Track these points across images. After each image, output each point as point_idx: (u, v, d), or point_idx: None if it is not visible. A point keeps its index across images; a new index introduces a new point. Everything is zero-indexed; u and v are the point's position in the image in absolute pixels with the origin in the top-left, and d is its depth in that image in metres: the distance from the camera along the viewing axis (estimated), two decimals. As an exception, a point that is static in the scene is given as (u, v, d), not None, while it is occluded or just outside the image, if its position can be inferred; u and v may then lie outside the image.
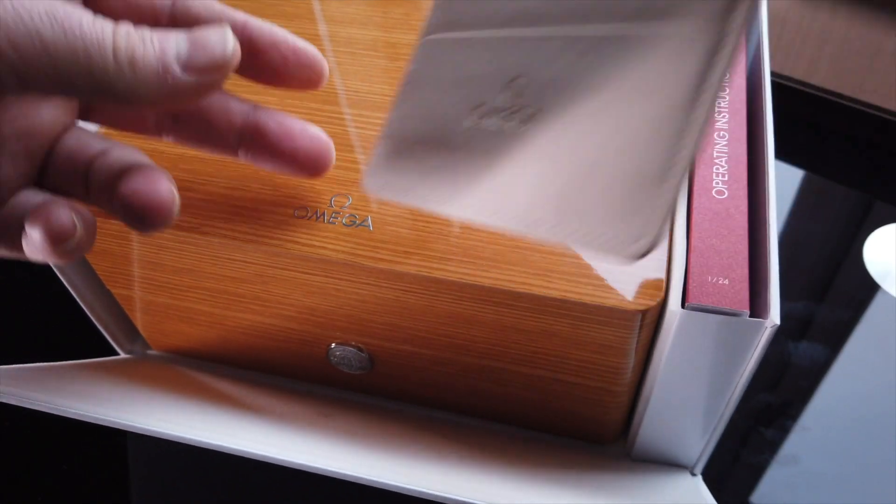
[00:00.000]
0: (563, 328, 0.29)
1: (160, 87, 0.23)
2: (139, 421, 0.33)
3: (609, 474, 0.34)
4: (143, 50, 0.23)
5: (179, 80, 0.24)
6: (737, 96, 0.33)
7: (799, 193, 0.50)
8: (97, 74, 0.22)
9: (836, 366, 0.41)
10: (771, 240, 0.27)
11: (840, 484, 0.36)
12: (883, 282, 0.44)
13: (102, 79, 0.22)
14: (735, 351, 0.27)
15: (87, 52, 0.22)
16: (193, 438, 0.32)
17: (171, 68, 0.23)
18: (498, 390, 0.34)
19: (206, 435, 0.32)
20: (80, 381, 0.35)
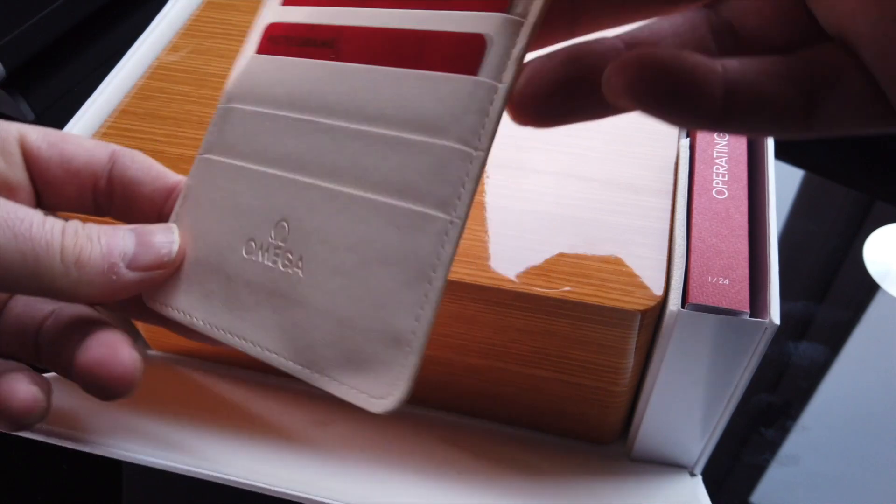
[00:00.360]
0: (563, 328, 0.29)
1: (104, 284, 0.24)
2: (132, 451, 0.33)
3: (609, 474, 0.34)
4: (90, 250, 0.23)
5: (123, 277, 0.24)
6: (737, 96, 0.33)
7: (799, 193, 0.50)
8: (44, 276, 0.23)
9: (836, 366, 0.41)
10: (771, 240, 0.27)
11: (840, 484, 0.36)
12: (883, 282, 0.44)
13: (48, 280, 0.23)
14: (735, 351, 0.27)
15: (36, 255, 0.22)
16: (184, 468, 0.33)
17: (116, 267, 0.24)
18: (498, 390, 0.34)
19: (196, 464, 0.33)
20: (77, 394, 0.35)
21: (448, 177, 0.23)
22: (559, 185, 0.31)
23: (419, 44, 0.24)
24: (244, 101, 0.27)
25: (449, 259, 0.23)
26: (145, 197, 0.27)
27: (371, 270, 0.24)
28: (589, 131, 0.33)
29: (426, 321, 0.22)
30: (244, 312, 0.26)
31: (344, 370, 0.24)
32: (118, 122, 0.35)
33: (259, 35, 0.28)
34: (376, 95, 0.25)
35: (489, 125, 0.23)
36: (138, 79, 0.37)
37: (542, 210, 0.30)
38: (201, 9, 0.41)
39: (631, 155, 0.32)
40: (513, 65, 0.23)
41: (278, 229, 0.26)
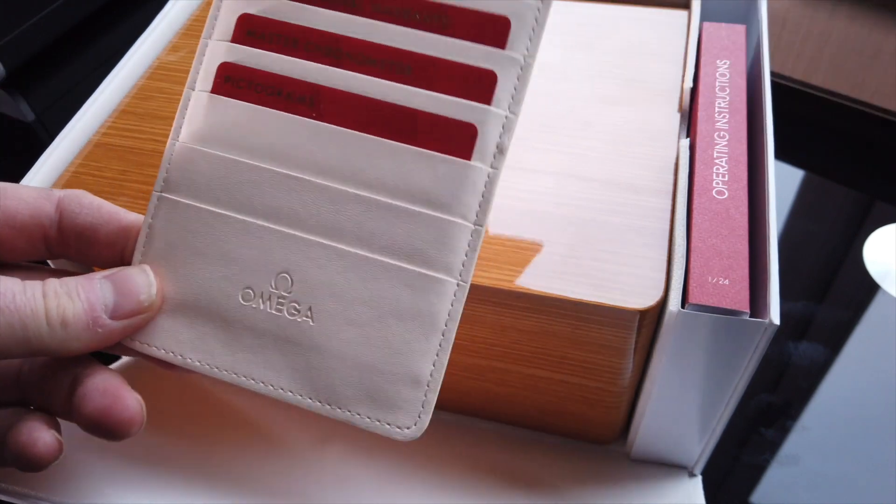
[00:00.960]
0: (562, 328, 0.29)
1: (90, 338, 0.25)
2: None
3: (608, 474, 0.34)
4: (72, 308, 0.24)
5: (108, 327, 0.25)
6: (737, 96, 0.33)
7: (799, 193, 0.50)
8: (33, 341, 0.24)
9: (836, 366, 0.40)
10: (771, 240, 0.27)
11: (840, 484, 0.36)
12: (883, 282, 0.44)
13: (37, 343, 0.24)
14: (735, 351, 0.27)
15: (23, 324, 0.23)
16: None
17: (100, 320, 0.25)
18: (498, 390, 0.34)
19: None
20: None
21: (454, 247, 0.25)
22: (559, 185, 0.31)
23: (412, 121, 0.26)
24: (209, 144, 0.27)
25: (459, 314, 0.25)
26: (101, 241, 0.27)
27: (386, 323, 0.26)
28: (589, 131, 0.33)
29: (442, 365, 0.25)
30: (249, 354, 0.27)
31: (367, 406, 0.26)
32: (118, 122, 0.35)
33: (210, 73, 0.27)
34: (373, 164, 0.26)
35: (485, 204, 0.25)
36: (138, 79, 0.37)
37: (542, 210, 0.30)
38: (201, 9, 0.41)
39: (631, 155, 0.32)
40: (501, 154, 0.25)
41: (280, 280, 0.27)
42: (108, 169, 0.33)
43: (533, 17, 0.25)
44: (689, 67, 0.34)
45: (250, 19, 0.27)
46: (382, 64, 0.26)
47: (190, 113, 0.27)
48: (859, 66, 0.53)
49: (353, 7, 0.26)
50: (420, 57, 0.26)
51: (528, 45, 0.25)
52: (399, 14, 0.26)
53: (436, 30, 0.26)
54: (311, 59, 0.26)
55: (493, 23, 0.25)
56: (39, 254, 0.28)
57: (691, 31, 0.36)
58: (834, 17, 0.53)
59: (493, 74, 0.25)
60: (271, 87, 0.27)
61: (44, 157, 0.33)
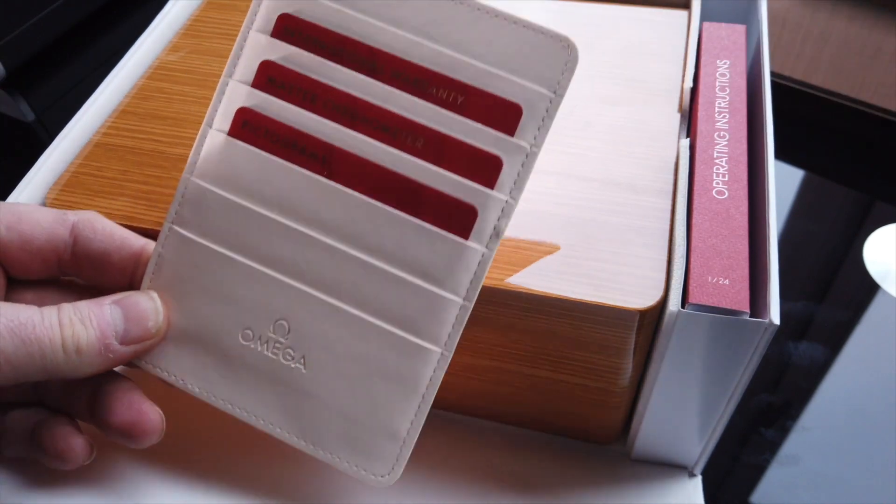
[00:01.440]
0: (562, 328, 0.29)
1: (101, 362, 0.27)
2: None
3: (608, 475, 0.34)
4: (86, 337, 0.26)
5: (118, 352, 0.27)
6: (737, 96, 0.33)
7: (799, 193, 0.50)
8: (50, 367, 0.26)
9: (836, 366, 0.40)
10: (771, 240, 0.27)
11: (840, 484, 0.36)
12: (883, 282, 0.44)
13: (54, 369, 0.26)
14: (735, 351, 0.27)
15: (42, 353, 0.25)
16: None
17: (111, 346, 0.27)
18: (497, 390, 0.34)
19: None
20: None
21: (443, 320, 0.27)
22: (559, 185, 0.31)
23: (417, 194, 0.27)
24: (222, 186, 0.28)
25: (440, 379, 0.27)
26: (114, 266, 0.29)
27: (373, 381, 0.28)
28: (589, 131, 0.33)
29: (419, 424, 0.28)
30: (245, 389, 0.29)
31: (347, 452, 0.28)
32: (118, 122, 0.35)
33: (229, 115, 0.28)
34: (376, 230, 0.27)
35: (476, 282, 0.27)
36: (138, 79, 0.37)
37: (541, 209, 0.30)
38: (201, 9, 0.41)
39: (631, 155, 0.32)
40: (497, 238, 0.26)
41: (278, 326, 0.28)
42: (108, 169, 0.33)
43: (544, 108, 0.26)
44: (689, 67, 0.34)
45: (273, 66, 0.28)
46: (395, 133, 0.27)
47: (206, 151, 0.28)
48: (859, 66, 0.53)
49: (373, 70, 0.27)
50: (432, 132, 0.26)
51: (536, 133, 0.26)
52: (417, 85, 0.27)
53: (450, 107, 0.26)
54: (328, 117, 0.27)
55: (506, 109, 0.26)
56: (53, 274, 0.29)
57: (691, 31, 0.36)
58: (834, 17, 0.53)
59: (499, 160, 0.26)
60: (287, 139, 0.27)
61: (44, 157, 0.33)
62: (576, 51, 0.25)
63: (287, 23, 0.27)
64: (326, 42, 0.27)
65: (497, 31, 0.26)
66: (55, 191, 0.32)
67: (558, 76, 0.26)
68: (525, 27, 0.26)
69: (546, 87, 0.26)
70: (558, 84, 0.26)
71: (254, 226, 0.28)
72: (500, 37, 0.26)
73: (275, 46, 0.28)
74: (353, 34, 0.27)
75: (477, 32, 0.26)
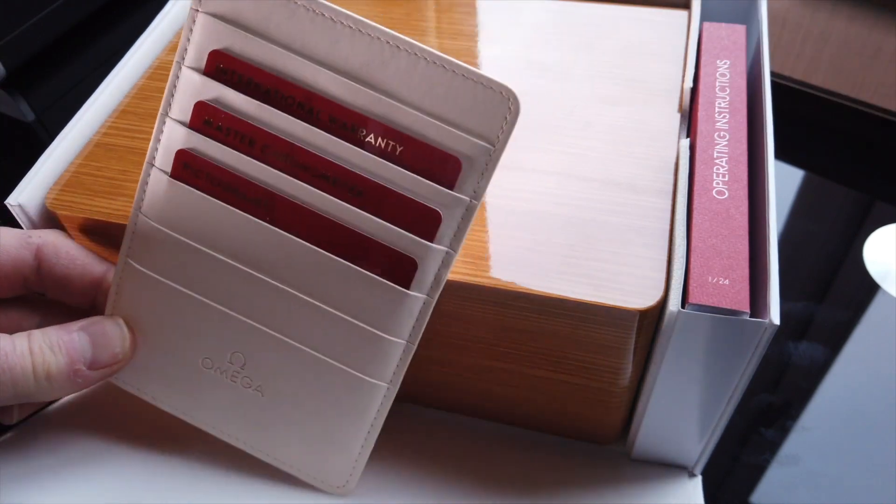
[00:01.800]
0: (562, 328, 0.29)
1: (71, 386, 0.28)
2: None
3: (608, 475, 0.34)
4: (56, 364, 0.27)
5: (87, 377, 0.28)
6: (737, 96, 0.33)
7: (799, 193, 0.50)
8: (21, 393, 0.27)
9: (836, 366, 0.40)
10: (771, 240, 0.27)
11: (840, 484, 0.36)
12: (883, 282, 0.44)
13: (25, 394, 0.27)
14: (735, 351, 0.27)
15: (14, 380, 0.26)
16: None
17: (80, 372, 0.28)
18: (498, 390, 0.34)
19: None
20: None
21: (389, 360, 0.28)
22: (559, 185, 0.31)
23: (359, 244, 0.27)
24: (169, 225, 0.28)
25: (387, 408, 0.29)
26: (76, 290, 0.30)
27: (325, 411, 0.29)
28: (589, 131, 0.33)
29: (369, 445, 0.30)
30: (208, 407, 0.31)
31: (306, 466, 0.31)
32: (118, 122, 0.35)
33: (169, 155, 0.28)
34: (320, 276, 0.27)
35: (419, 326, 0.28)
36: (138, 79, 0.37)
37: (542, 210, 0.30)
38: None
39: (631, 155, 0.32)
40: (439, 286, 0.27)
41: (234, 357, 0.29)
42: (108, 169, 0.33)
43: (484, 161, 0.26)
44: (690, 67, 0.34)
45: (208, 108, 0.27)
46: (335, 182, 0.26)
47: (150, 190, 0.28)
48: (859, 66, 0.53)
49: (310, 114, 0.26)
50: (371, 183, 0.26)
51: (476, 186, 0.26)
52: (355, 132, 0.26)
53: (389, 156, 0.26)
54: (267, 162, 0.27)
55: (445, 161, 0.26)
56: (19, 293, 0.31)
57: (691, 31, 0.36)
58: (834, 17, 0.53)
59: (437, 215, 0.26)
60: (228, 183, 0.27)
61: (44, 157, 0.33)
62: (517, 102, 0.25)
63: (219, 60, 0.26)
64: (261, 82, 0.26)
65: (436, 78, 0.25)
66: (55, 191, 0.32)
67: (497, 130, 0.25)
68: (465, 77, 0.25)
69: (486, 141, 0.25)
70: (498, 138, 0.25)
71: (203, 265, 0.28)
72: (438, 85, 0.25)
73: (208, 86, 0.27)
74: (288, 75, 0.26)
75: (416, 79, 0.25)
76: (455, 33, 0.39)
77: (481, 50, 0.38)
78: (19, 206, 0.31)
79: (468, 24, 0.39)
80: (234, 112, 0.27)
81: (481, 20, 0.40)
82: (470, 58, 0.37)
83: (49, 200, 0.32)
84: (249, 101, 0.26)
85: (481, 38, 0.39)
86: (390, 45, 0.25)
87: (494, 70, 0.37)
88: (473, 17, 0.40)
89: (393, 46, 0.25)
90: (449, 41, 0.38)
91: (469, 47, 0.38)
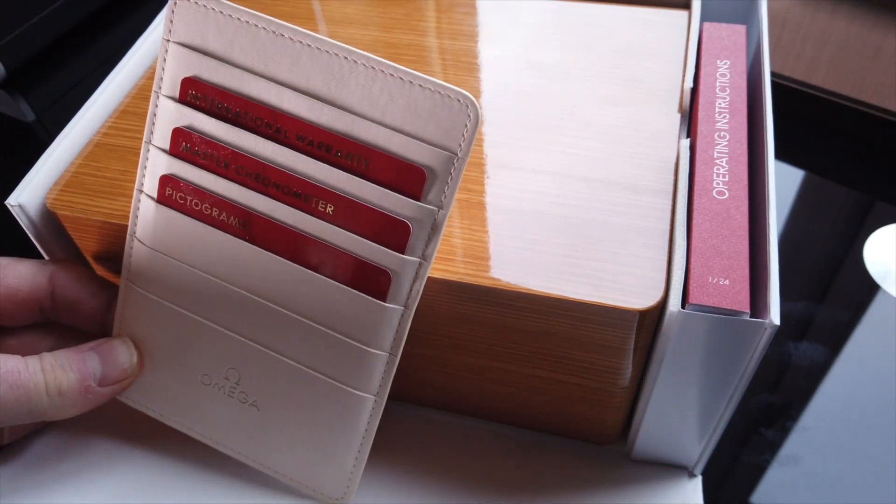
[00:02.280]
0: (562, 328, 0.29)
1: (83, 403, 0.29)
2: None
3: (608, 475, 0.34)
4: (67, 380, 0.28)
5: (97, 393, 0.29)
6: (737, 97, 0.33)
7: (799, 194, 0.50)
8: (35, 410, 0.28)
9: (836, 366, 0.40)
10: (771, 240, 0.27)
11: (841, 484, 0.36)
12: (883, 282, 0.44)
13: (39, 411, 0.28)
14: (735, 351, 0.27)
15: (28, 397, 0.28)
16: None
17: (91, 388, 0.29)
18: (498, 390, 0.34)
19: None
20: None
21: (373, 372, 0.29)
22: (559, 185, 0.31)
23: (334, 258, 0.27)
24: (160, 248, 0.29)
25: (377, 423, 0.30)
26: (87, 312, 0.32)
27: (317, 424, 0.30)
28: (589, 131, 0.33)
29: (364, 456, 0.31)
30: (210, 422, 0.32)
31: (303, 479, 0.31)
32: (118, 122, 0.35)
33: (154, 181, 0.29)
34: (301, 292, 0.28)
35: (400, 337, 0.28)
36: (138, 79, 0.37)
37: (542, 210, 0.30)
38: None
39: (631, 155, 0.32)
40: (415, 296, 0.27)
41: (230, 373, 0.30)
42: (108, 169, 0.33)
43: (449, 170, 0.26)
44: (690, 68, 0.34)
45: (184, 133, 0.28)
46: (306, 198, 0.27)
47: (142, 215, 0.29)
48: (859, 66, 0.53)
49: (278, 134, 0.27)
50: (340, 197, 0.27)
51: (443, 195, 0.26)
52: (322, 148, 0.27)
53: (356, 171, 0.26)
54: (242, 182, 0.28)
55: (410, 173, 0.26)
56: (35, 320, 0.32)
57: (691, 32, 0.36)
58: (834, 18, 0.53)
59: (406, 226, 0.26)
60: (208, 205, 0.28)
61: (44, 157, 0.33)
62: (475, 108, 0.25)
63: (191, 87, 0.27)
64: (231, 105, 0.27)
65: (395, 91, 0.25)
66: (55, 191, 0.32)
67: (459, 139, 0.25)
68: (422, 87, 0.25)
69: (448, 150, 0.25)
70: (460, 146, 0.25)
71: (195, 285, 0.29)
72: (398, 97, 0.25)
73: (183, 113, 0.28)
74: (254, 98, 0.27)
75: (375, 93, 0.26)
76: (455, 33, 0.39)
77: (481, 50, 0.38)
78: (19, 206, 0.31)
79: (468, 24, 0.39)
80: (207, 136, 0.28)
81: (481, 20, 0.40)
82: (470, 58, 0.37)
83: (49, 200, 0.32)
84: (220, 124, 0.27)
85: (481, 38, 0.39)
86: (348, 60, 0.26)
87: (494, 70, 0.37)
88: (473, 17, 0.40)
89: (351, 62, 0.26)
90: (449, 41, 0.38)
91: (469, 47, 0.38)
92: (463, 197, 0.31)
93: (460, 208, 0.30)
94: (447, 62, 0.37)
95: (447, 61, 0.37)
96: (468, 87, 0.36)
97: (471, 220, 0.30)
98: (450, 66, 0.37)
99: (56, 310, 0.32)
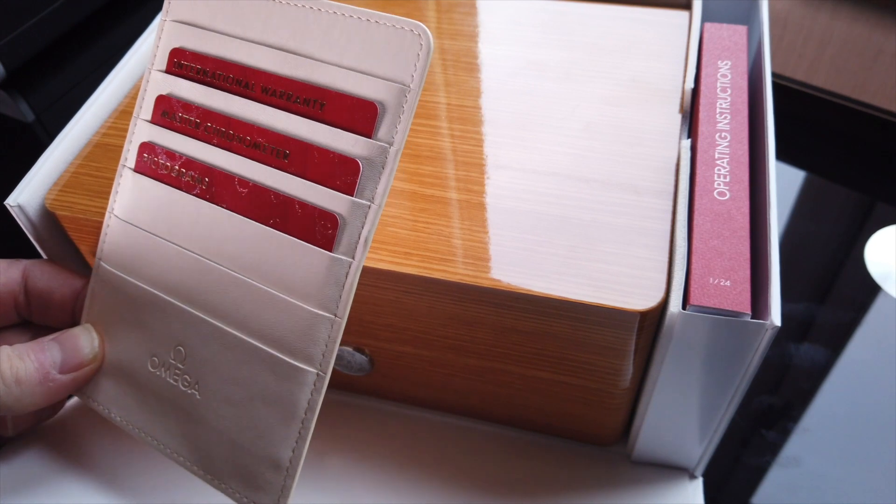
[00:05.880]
0: (563, 329, 0.28)
1: (43, 392, 0.28)
2: None
3: (609, 476, 0.34)
4: (24, 369, 0.28)
5: (58, 381, 0.29)
6: (738, 97, 0.33)
7: (800, 195, 0.50)
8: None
9: (837, 367, 0.40)
10: (772, 241, 0.27)
11: (841, 485, 0.36)
12: (884, 283, 0.44)
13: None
14: (736, 352, 0.27)
15: None
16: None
17: (50, 375, 0.28)
18: (498, 392, 0.34)
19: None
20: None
21: (315, 338, 0.26)
22: (560, 186, 0.31)
23: (285, 208, 0.26)
24: (132, 219, 0.29)
25: (318, 404, 0.27)
26: (56, 302, 0.31)
27: (255, 406, 0.28)
28: (589, 131, 0.33)
29: (300, 453, 0.27)
30: (155, 417, 0.30)
31: (237, 482, 0.29)
32: (118, 122, 0.35)
33: (134, 150, 0.29)
34: (252, 248, 0.27)
35: (345, 296, 0.26)
36: (138, 79, 0.37)
37: (542, 210, 0.30)
38: (201, 9, 0.41)
39: (632, 155, 0.32)
40: (363, 244, 0.26)
41: (176, 352, 0.29)
42: (108, 169, 0.33)
43: (401, 103, 0.25)
44: (691, 68, 0.34)
45: (164, 100, 0.29)
46: (265, 148, 0.27)
47: (121, 187, 0.30)
48: (860, 67, 0.53)
49: (247, 89, 0.27)
50: (295, 143, 0.26)
51: (395, 131, 0.25)
52: (283, 97, 0.27)
53: (313, 114, 0.26)
54: (208, 141, 0.28)
55: (362, 109, 0.26)
56: (12, 320, 0.32)
57: (692, 32, 0.36)
58: (835, 18, 0.53)
59: (356, 165, 0.26)
60: (177, 168, 0.28)
61: (44, 157, 0.33)
62: (429, 38, 0.25)
63: (177, 56, 0.29)
64: (207, 68, 0.28)
65: (353, 32, 0.26)
66: (55, 191, 0.32)
67: (411, 69, 0.25)
68: (378, 23, 0.25)
69: (399, 82, 0.25)
70: (412, 76, 0.25)
71: (158, 254, 0.29)
72: (356, 37, 0.26)
73: (166, 81, 0.29)
74: (229, 58, 0.28)
75: (335, 36, 0.26)
76: (455, 33, 0.39)
77: (481, 50, 0.38)
78: (19, 206, 0.31)
79: (468, 24, 0.39)
80: (185, 100, 0.28)
81: (481, 20, 0.40)
82: (470, 58, 0.37)
83: (49, 201, 0.32)
84: (196, 86, 0.28)
85: (481, 38, 0.39)
86: (313, 9, 0.26)
87: (494, 70, 0.37)
88: (473, 17, 0.40)
89: (315, 10, 0.26)
90: (449, 41, 0.38)
91: (469, 47, 0.38)
92: (463, 197, 0.31)
93: (460, 208, 0.30)
94: (447, 62, 0.37)
95: (447, 61, 0.37)
96: (468, 87, 0.36)
97: (471, 221, 0.30)
98: (450, 66, 0.37)
99: (29, 306, 0.32)
